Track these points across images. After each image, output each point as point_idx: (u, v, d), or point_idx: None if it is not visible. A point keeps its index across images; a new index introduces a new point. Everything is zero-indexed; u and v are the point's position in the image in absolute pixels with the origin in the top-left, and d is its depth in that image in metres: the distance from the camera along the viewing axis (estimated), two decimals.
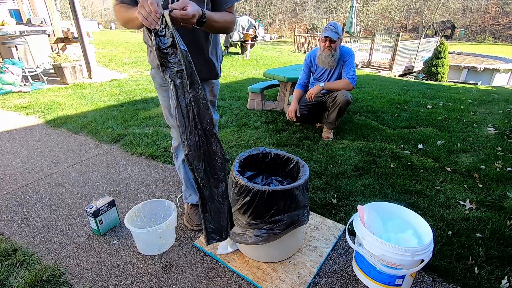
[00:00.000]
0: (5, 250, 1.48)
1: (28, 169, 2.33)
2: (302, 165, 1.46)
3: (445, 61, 8.81)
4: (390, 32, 24.01)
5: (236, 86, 5.29)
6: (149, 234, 1.44)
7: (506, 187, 2.03)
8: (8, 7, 6.92)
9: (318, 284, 1.33)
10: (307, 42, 13.86)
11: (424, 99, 4.43)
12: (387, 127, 3.24)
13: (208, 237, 1.14)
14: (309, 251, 1.50)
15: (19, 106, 3.85)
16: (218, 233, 1.15)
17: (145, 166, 2.39)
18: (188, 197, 1.77)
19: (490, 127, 3.22)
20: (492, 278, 1.34)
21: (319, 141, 2.84)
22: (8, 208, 1.85)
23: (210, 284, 1.33)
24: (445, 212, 1.79)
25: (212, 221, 1.13)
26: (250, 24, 9.48)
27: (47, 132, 3.09)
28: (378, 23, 30.22)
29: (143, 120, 3.37)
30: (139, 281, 1.34)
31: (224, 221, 1.16)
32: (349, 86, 2.74)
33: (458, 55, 13.59)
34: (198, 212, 1.80)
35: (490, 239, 1.56)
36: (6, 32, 5.21)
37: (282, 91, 3.75)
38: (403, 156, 2.50)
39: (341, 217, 1.76)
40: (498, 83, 9.71)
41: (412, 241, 1.27)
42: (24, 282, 1.29)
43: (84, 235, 1.63)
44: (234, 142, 2.82)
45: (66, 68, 4.98)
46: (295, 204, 1.30)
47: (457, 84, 7.03)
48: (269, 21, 34.48)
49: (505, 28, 28.50)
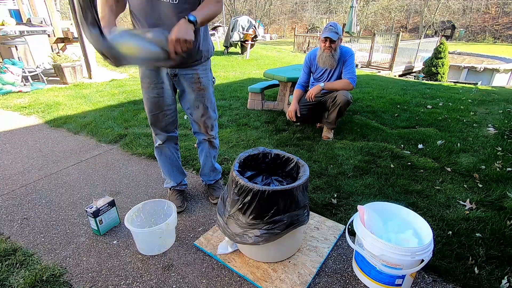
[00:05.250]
0: (5, 250, 1.48)
1: (28, 169, 2.33)
2: (302, 165, 1.46)
3: (445, 61, 8.81)
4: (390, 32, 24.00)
5: (236, 86, 5.29)
6: (149, 234, 1.44)
7: (506, 187, 2.03)
8: (8, 7, 6.93)
9: (318, 284, 1.33)
10: (307, 42, 13.85)
11: (424, 99, 4.43)
12: (387, 127, 3.24)
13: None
14: (309, 251, 1.50)
15: (19, 106, 3.85)
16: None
17: (145, 166, 2.39)
18: (166, 183, 1.92)
19: (490, 127, 3.22)
20: (492, 278, 1.34)
21: (319, 141, 2.84)
22: (8, 208, 1.85)
23: (210, 284, 1.33)
24: (445, 212, 1.79)
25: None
26: (250, 24, 9.49)
27: (47, 132, 3.09)
28: (378, 23, 30.21)
29: (143, 120, 3.37)
30: (139, 281, 1.34)
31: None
32: (349, 86, 2.74)
33: (458, 55, 13.58)
34: (178, 195, 1.87)
35: (490, 239, 1.56)
36: (6, 32, 5.22)
37: (282, 91, 3.75)
38: (403, 156, 2.50)
39: (341, 217, 1.76)
40: (498, 83, 9.71)
41: (412, 241, 1.27)
42: (24, 282, 1.29)
43: (84, 235, 1.63)
44: (234, 142, 2.82)
45: (66, 68, 4.98)
46: (295, 204, 1.30)
47: (457, 84, 7.03)
48: (269, 21, 34.47)
49: (505, 28, 28.49)
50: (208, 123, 1.72)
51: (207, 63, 1.62)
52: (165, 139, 1.74)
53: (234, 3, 29.33)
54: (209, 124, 1.73)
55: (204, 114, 1.68)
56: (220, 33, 14.58)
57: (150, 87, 1.56)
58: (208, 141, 1.82)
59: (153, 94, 1.58)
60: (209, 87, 1.66)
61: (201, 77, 1.58)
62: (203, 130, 1.75)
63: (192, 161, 2.44)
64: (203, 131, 1.75)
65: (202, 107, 1.66)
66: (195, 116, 1.69)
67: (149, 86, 1.56)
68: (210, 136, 1.79)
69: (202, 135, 1.79)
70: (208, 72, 1.64)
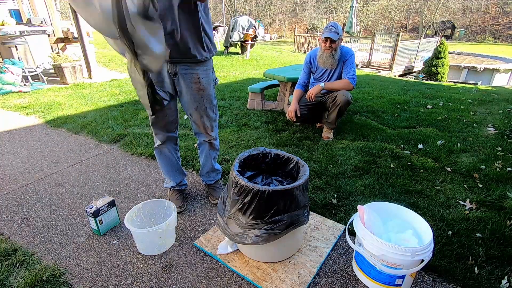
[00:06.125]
0: (5, 250, 1.48)
1: (28, 169, 2.33)
2: (302, 165, 1.46)
3: (445, 61, 8.81)
4: (390, 32, 23.99)
5: (236, 86, 5.29)
6: (149, 234, 1.44)
7: (506, 187, 2.03)
8: (8, 7, 6.92)
9: (318, 284, 1.33)
10: (307, 42, 13.86)
11: (424, 99, 4.43)
12: (387, 127, 3.24)
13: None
14: (309, 251, 1.50)
15: (19, 106, 3.85)
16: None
17: (145, 166, 2.39)
18: (166, 183, 1.92)
19: (490, 127, 3.22)
20: (492, 278, 1.34)
21: (319, 141, 2.84)
22: (8, 208, 1.85)
23: (210, 284, 1.33)
24: (445, 212, 1.79)
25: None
26: (250, 24, 9.48)
27: (47, 132, 3.09)
28: (378, 23, 30.19)
29: (143, 120, 3.37)
30: (139, 281, 1.34)
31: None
32: (349, 86, 2.74)
33: (458, 55, 13.59)
34: (178, 195, 1.85)
35: (490, 239, 1.56)
36: (6, 32, 5.21)
37: (282, 91, 3.75)
38: (403, 156, 2.50)
39: (341, 217, 1.76)
40: (498, 83, 9.72)
41: (412, 241, 1.27)
42: (24, 282, 1.29)
43: (84, 235, 1.63)
44: (234, 142, 2.82)
45: (66, 68, 4.98)
46: (295, 204, 1.30)
47: (457, 84, 7.03)
48: (269, 21, 34.45)
49: (505, 28, 28.48)
50: (207, 124, 1.72)
51: (208, 63, 1.60)
52: (165, 139, 1.73)
53: (234, 3, 29.32)
54: (208, 125, 1.72)
55: (203, 115, 1.67)
56: (220, 33, 14.57)
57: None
58: (208, 142, 1.81)
59: None
60: (210, 88, 1.64)
61: (201, 77, 1.57)
62: (203, 131, 1.74)
63: (192, 161, 2.44)
64: (203, 132, 1.75)
65: (201, 108, 1.65)
66: (194, 117, 1.69)
67: None
68: (210, 137, 1.78)
69: (202, 136, 1.79)
70: (210, 73, 1.63)
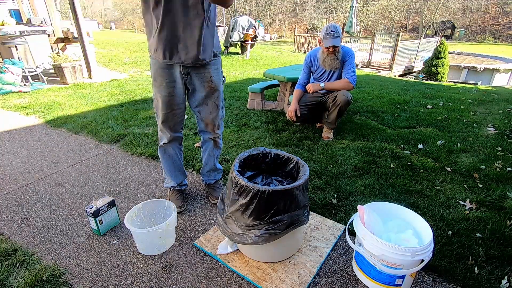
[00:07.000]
0: (5, 250, 1.48)
1: (28, 169, 2.33)
2: (302, 165, 1.46)
3: (445, 61, 8.80)
4: (390, 32, 23.98)
5: (236, 86, 5.29)
6: (149, 234, 1.44)
7: (506, 187, 2.03)
8: (8, 7, 6.91)
9: (318, 284, 1.33)
10: (307, 42, 13.86)
11: (424, 99, 4.43)
12: (387, 127, 3.24)
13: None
14: (309, 251, 1.50)
15: (19, 106, 3.85)
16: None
17: (145, 166, 2.39)
18: (166, 182, 1.92)
19: (490, 127, 3.22)
20: (492, 278, 1.34)
21: (319, 141, 2.84)
22: (8, 208, 1.85)
23: (210, 284, 1.33)
24: (445, 212, 1.79)
25: None
26: (250, 24, 9.48)
27: (47, 132, 3.09)
28: (378, 23, 30.18)
29: (143, 120, 3.37)
30: (139, 281, 1.34)
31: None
32: (349, 86, 2.74)
33: (458, 55, 13.58)
34: (178, 195, 1.86)
35: (490, 239, 1.56)
36: (6, 32, 5.21)
37: (282, 91, 3.75)
38: (403, 156, 2.50)
39: (341, 217, 1.76)
40: (498, 83, 9.71)
41: (412, 241, 1.27)
42: (24, 282, 1.29)
43: (84, 235, 1.63)
44: (234, 142, 2.82)
45: (66, 68, 4.98)
46: (295, 204, 1.30)
47: (457, 84, 7.03)
48: (269, 21, 34.46)
49: (505, 28, 28.47)
50: (215, 122, 1.75)
51: (217, 61, 1.64)
52: (171, 138, 1.75)
53: (234, 3, 29.33)
54: (216, 123, 1.76)
55: (213, 112, 1.71)
56: (220, 33, 14.58)
57: (162, 86, 1.57)
58: (213, 140, 1.83)
59: (165, 93, 1.58)
60: (220, 86, 1.68)
61: (213, 75, 1.61)
62: (210, 128, 1.77)
63: (192, 161, 2.44)
64: (210, 129, 1.77)
65: (212, 105, 1.68)
66: (203, 114, 1.71)
67: (161, 85, 1.57)
68: (215, 134, 1.81)
69: (208, 134, 1.81)
70: (219, 71, 1.66)
